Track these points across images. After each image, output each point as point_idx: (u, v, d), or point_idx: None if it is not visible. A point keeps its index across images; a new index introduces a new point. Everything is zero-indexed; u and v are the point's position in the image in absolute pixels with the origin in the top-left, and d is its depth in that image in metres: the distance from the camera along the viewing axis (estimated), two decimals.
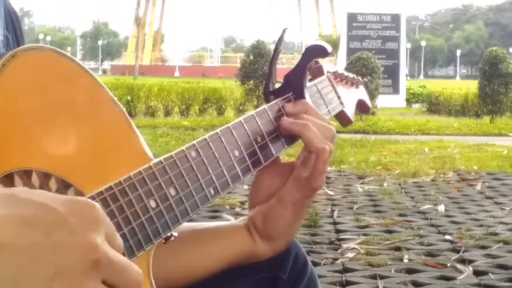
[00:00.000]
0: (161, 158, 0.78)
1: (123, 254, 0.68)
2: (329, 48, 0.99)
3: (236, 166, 0.88)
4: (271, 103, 0.98)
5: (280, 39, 1.03)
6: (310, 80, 1.07)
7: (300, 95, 1.00)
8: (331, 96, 1.10)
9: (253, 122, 0.93)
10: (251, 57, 15.94)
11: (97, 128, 0.75)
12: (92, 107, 0.75)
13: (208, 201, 0.83)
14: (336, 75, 1.16)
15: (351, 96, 1.18)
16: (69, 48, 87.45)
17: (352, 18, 21.58)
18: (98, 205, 0.58)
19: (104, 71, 79.48)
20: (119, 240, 0.60)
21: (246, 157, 0.91)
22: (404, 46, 22.67)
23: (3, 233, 0.54)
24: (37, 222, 0.55)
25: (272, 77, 1.01)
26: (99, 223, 0.57)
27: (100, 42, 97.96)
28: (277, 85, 1.02)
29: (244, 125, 0.92)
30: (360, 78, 1.24)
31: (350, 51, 19.68)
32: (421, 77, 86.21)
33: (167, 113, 15.79)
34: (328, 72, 1.13)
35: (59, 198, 0.57)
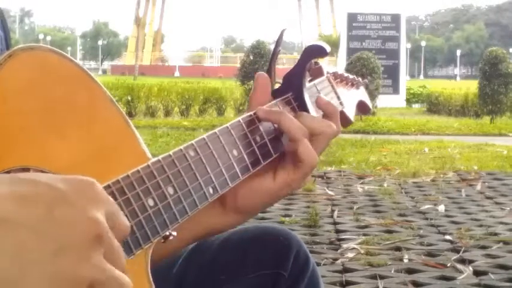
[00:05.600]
0: (159, 157, 0.78)
1: (129, 236, 0.68)
2: (328, 48, 0.99)
3: (235, 165, 0.88)
4: (271, 103, 0.98)
5: (279, 40, 1.03)
6: (310, 80, 1.07)
7: (299, 95, 1.00)
8: (330, 96, 1.10)
9: (252, 121, 0.93)
10: (251, 57, 15.94)
11: (94, 127, 0.75)
12: (90, 106, 0.75)
13: (207, 200, 0.83)
14: (336, 76, 1.16)
15: (351, 97, 1.18)
16: (69, 48, 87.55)
17: (352, 18, 21.58)
18: (97, 182, 0.58)
19: (104, 71, 79.55)
20: (123, 219, 0.60)
21: (245, 157, 0.90)
22: (404, 46, 22.67)
23: (4, 209, 0.54)
24: (38, 199, 0.55)
25: (271, 78, 1.01)
26: (100, 199, 0.57)
27: (100, 42, 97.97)
28: (277, 85, 1.02)
29: (243, 124, 0.91)
30: (360, 79, 1.23)
31: (350, 51, 19.67)
32: (421, 77, 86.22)
33: (167, 113, 15.78)
34: (328, 73, 1.13)
35: (58, 177, 0.58)
